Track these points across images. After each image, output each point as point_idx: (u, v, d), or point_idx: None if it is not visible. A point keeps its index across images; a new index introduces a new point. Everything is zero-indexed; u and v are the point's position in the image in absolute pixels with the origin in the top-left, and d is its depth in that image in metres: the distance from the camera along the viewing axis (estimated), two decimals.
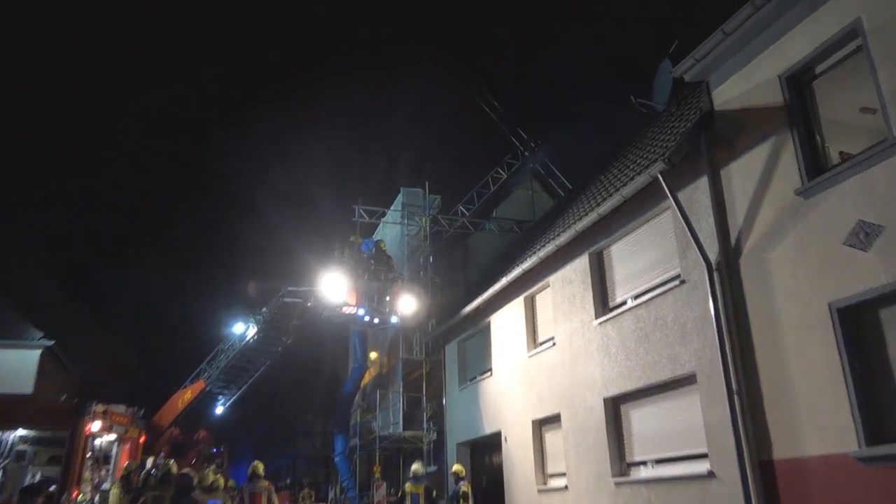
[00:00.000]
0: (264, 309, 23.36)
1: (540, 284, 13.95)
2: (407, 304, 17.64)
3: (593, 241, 11.97)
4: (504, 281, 14.53)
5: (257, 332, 23.42)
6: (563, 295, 12.83)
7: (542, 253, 12.94)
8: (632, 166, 11.37)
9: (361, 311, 17.14)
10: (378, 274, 17.66)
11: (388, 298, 17.69)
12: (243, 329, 24.25)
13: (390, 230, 22.39)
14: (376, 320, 17.65)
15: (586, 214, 11.62)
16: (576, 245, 12.33)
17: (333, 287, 16.65)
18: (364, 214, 21.15)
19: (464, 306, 16.85)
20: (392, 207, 22.44)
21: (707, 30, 8.97)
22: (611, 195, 10.92)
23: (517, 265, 14.14)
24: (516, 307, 14.93)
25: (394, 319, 17.83)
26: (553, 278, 13.30)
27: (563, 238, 12.23)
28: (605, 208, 10.96)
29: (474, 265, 21.94)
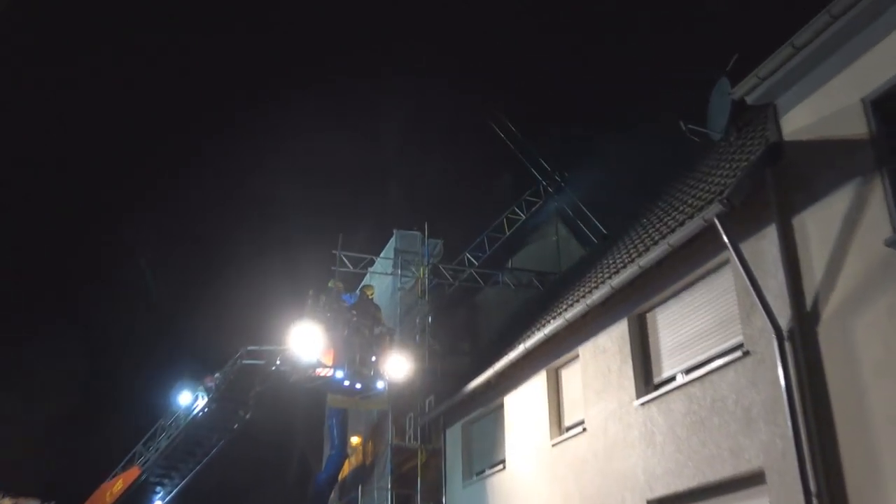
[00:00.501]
0: (217, 374, 23.17)
1: (567, 355, 13.90)
2: (397, 366, 17.48)
3: (634, 301, 11.98)
4: (521, 349, 14.47)
5: (208, 405, 23.18)
6: (596, 368, 12.77)
7: (570, 315, 12.92)
8: (681, 208, 11.45)
9: (340, 374, 16.96)
10: (361, 328, 17.53)
11: (373, 359, 17.54)
12: (191, 400, 24.00)
13: (379, 282, 22.42)
14: (358, 385, 17.47)
15: (625, 267, 11.65)
16: (612, 305, 12.33)
17: (305, 342, 16.49)
18: (347, 262, 21.18)
19: (470, 380, 16.74)
20: (382, 254, 22.49)
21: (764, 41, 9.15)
22: (655, 243, 10.98)
23: (538, 330, 14.12)
24: (537, 383, 14.84)
25: (380, 385, 17.69)
26: (583, 347, 13.27)
27: (596, 296, 12.22)
28: (647, 260, 10.96)
29: (484, 328, 21.88)
